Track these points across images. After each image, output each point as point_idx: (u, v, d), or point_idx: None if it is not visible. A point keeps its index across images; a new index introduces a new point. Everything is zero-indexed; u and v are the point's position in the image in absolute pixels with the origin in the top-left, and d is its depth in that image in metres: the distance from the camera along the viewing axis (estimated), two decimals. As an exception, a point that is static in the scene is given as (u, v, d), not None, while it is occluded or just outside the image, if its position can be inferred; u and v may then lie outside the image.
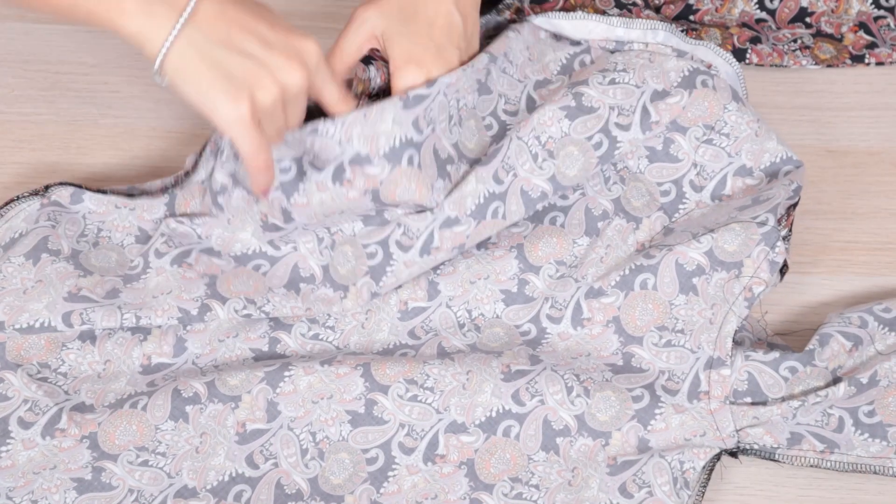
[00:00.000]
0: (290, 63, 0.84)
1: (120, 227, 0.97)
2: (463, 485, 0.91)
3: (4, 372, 0.92)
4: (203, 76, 0.83)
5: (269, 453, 0.91)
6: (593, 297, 0.96)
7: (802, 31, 1.07)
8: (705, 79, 1.00)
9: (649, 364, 0.94)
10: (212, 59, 0.83)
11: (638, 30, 1.01)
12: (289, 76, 0.84)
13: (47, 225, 0.96)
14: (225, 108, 0.83)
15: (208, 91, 0.83)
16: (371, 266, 0.95)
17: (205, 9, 0.83)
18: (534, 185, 0.97)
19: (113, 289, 0.95)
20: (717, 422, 0.92)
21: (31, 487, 0.89)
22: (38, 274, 0.94)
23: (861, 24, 1.07)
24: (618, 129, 0.99)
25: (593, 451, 0.92)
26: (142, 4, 0.82)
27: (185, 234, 0.96)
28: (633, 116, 0.99)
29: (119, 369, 0.94)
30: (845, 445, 0.92)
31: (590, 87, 0.99)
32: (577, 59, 1.03)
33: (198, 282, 0.95)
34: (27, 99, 1.06)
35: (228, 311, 0.94)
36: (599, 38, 1.02)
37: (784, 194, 0.97)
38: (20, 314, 0.93)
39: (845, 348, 0.94)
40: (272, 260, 0.96)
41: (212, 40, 0.83)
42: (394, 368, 0.93)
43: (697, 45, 1.01)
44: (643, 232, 0.99)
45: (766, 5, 1.06)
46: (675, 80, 1.00)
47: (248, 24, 0.84)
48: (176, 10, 0.82)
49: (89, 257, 0.96)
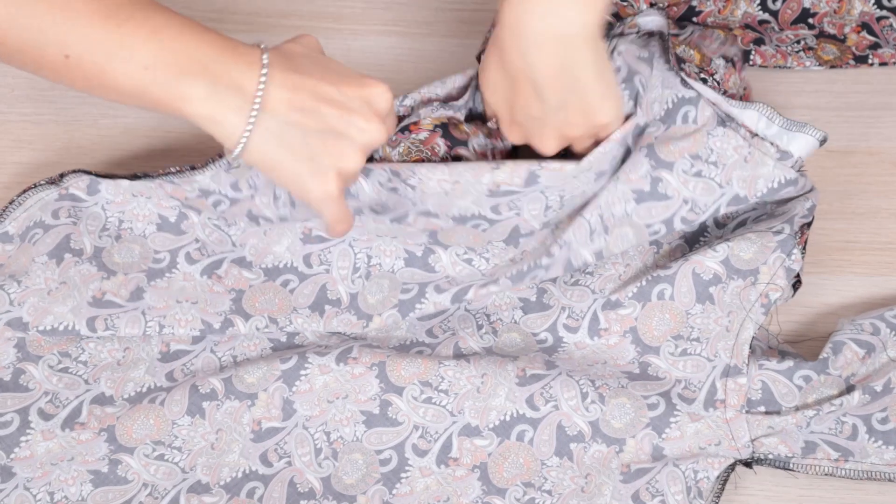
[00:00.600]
0: (370, 122, 0.83)
1: (140, 216, 0.97)
2: (476, 488, 0.91)
3: (25, 364, 0.93)
4: (286, 162, 0.82)
5: (284, 452, 0.92)
6: (610, 308, 0.95)
7: (805, 33, 1.07)
8: (789, 191, 0.95)
9: (666, 373, 0.94)
10: (291, 144, 0.81)
11: (754, 111, 0.95)
12: (370, 136, 0.83)
13: (68, 222, 0.96)
14: (314, 189, 0.83)
15: (295, 176, 0.82)
16: (402, 300, 0.95)
17: (274, 92, 0.81)
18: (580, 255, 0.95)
19: (137, 288, 0.95)
20: (732, 431, 0.92)
21: (48, 479, 0.90)
22: (61, 275, 0.95)
23: (864, 24, 1.06)
24: (680, 222, 0.95)
25: (607, 458, 0.92)
26: (209, 91, 0.80)
27: (220, 241, 0.97)
28: (701, 216, 0.95)
29: (138, 356, 0.94)
30: (859, 453, 0.92)
31: (672, 174, 0.94)
32: (682, 108, 0.95)
33: (224, 297, 0.95)
34: (27, 99, 1.06)
35: (250, 327, 0.95)
36: (711, 98, 0.95)
37: (800, 210, 0.96)
38: (45, 316, 0.93)
39: (858, 356, 0.94)
40: (302, 276, 0.96)
41: (288, 123, 0.81)
42: (409, 370, 0.93)
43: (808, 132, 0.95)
44: (663, 258, 0.99)
45: (768, 6, 1.06)
46: (761, 191, 0.95)
47: (318, 93, 0.82)
48: (247, 99, 0.80)
49: (112, 254, 0.96)
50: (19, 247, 0.96)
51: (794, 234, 0.95)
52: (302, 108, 0.81)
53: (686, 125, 0.95)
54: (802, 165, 0.96)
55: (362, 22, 1.09)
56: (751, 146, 0.95)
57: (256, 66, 0.81)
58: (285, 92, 0.81)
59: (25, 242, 0.96)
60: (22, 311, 0.93)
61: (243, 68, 0.80)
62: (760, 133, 0.95)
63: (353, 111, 0.82)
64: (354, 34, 1.09)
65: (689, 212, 0.95)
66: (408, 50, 1.08)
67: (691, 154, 0.95)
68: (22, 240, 0.96)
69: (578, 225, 0.94)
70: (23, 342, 0.94)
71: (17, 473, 0.90)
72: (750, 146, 0.95)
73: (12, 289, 0.94)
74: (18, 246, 0.96)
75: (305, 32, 0.87)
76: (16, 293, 0.94)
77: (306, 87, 0.81)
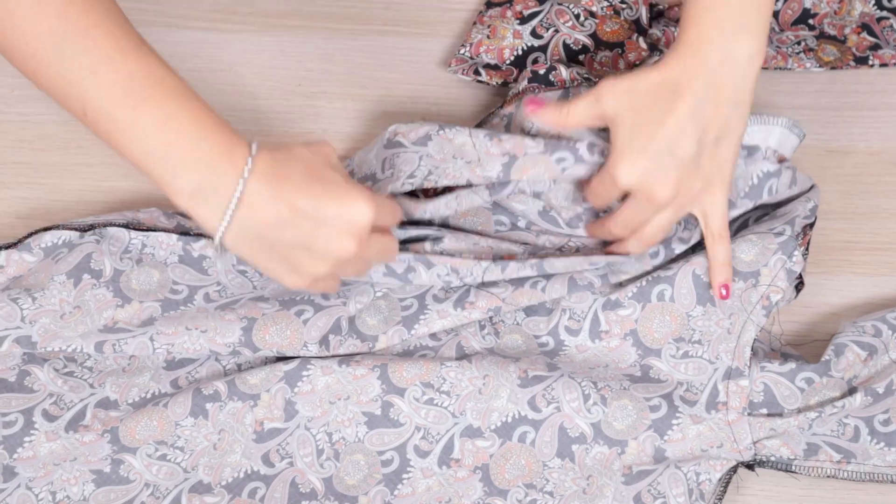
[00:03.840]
0: (340, 240, 0.84)
1: (164, 244, 0.97)
2: (477, 489, 0.91)
3: (31, 366, 0.93)
4: (260, 261, 0.85)
5: (286, 452, 0.92)
6: (611, 308, 0.95)
7: (806, 34, 1.07)
8: (773, 183, 0.95)
9: (667, 376, 0.94)
10: (265, 241, 0.84)
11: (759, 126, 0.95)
12: (338, 251, 0.84)
13: (92, 240, 0.96)
14: (287, 281, 0.86)
15: (268, 268, 0.85)
16: (404, 316, 0.95)
17: (254, 190, 0.82)
18: (583, 276, 0.95)
19: (150, 317, 0.95)
20: (734, 433, 0.92)
21: (50, 478, 0.90)
22: (77, 298, 0.94)
23: (864, 25, 1.06)
24: (678, 242, 0.96)
25: (609, 460, 0.92)
26: (195, 189, 0.82)
27: (241, 285, 0.97)
28: (695, 231, 0.96)
29: (144, 364, 0.94)
30: (861, 455, 0.92)
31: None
32: None
33: (235, 325, 0.94)
34: (27, 99, 1.05)
35: (256, 359, 0.95)
36: None
37: (802, 211, 0.96)
38: (53, 339, 0.93)
39: (860, 358, 0.94)
40: (317, 308, 0.95)
41: (262, 227, 0.83)
42: (411, 371, 0.93)
43: (765, 122, 0.95)
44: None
45: None
46: (743, 190, 0.95)
47: (295, 205, 0.83)
48: (222, 202, 0.82)
49: (130, 279, 0.96)
50: (41, 261, 0.96)
51: (796, 236, 0.96)
52: (277, 215, 0.83)
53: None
54: (782, 157, 0.96)
55: (362, 22, 1.09)
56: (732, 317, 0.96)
57: (240, 170, 0.82)
58: (265, 186, 0.82)
59: (48, 259, 0.96)
60: (32, 330, 0.93)
61: (228, 171, 0.82)
62: None
63: (327, 227, 0.83)
64: (354, 34, 1.09)
65: (683, 231, 0.96)
66: (408, 50, 1.08)
67: None
68: (46, 255, 0.96)
69: None
70: (29, 344, 0.94)
71: (19, 473, 0.90)
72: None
73: (26, 304, 0.94)
74: (41, 260, 0.96)
75: (325, 141, 0.88)
76: (28, 310, 0.94)
77: (284, 198, 0.83)
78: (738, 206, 0.96)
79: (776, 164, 0.96)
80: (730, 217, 0.96)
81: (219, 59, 1.08)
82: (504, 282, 0.95)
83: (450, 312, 0.94)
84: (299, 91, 1.07)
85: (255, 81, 1.07)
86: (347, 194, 0.84)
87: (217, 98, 1.06)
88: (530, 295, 0.94)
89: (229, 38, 1.09)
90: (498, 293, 0.94)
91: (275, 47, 1.08)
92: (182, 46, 1.08)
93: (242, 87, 1.07)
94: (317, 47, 1.09)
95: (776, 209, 0.98)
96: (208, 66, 1.07)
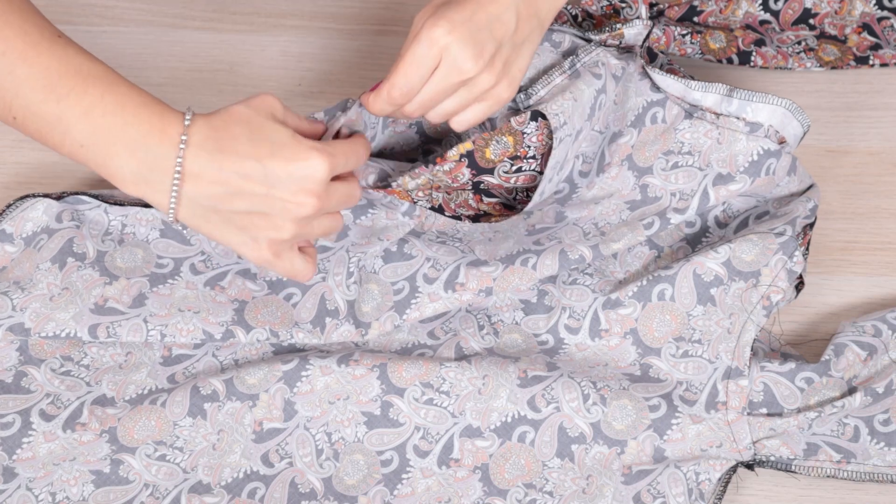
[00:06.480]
0: (296, 198, 0.81)
1: (143, 220, 0.97)
2: (477, 489, 0.91)
3: (28, 367, 0.93)
4: (216, 233, 0.83)
5: (285, 452, 0.92)
6: (611, 307, 0.95)
7: (806, 34, 1.07)
8: (772, 164, 0.97)
9: (667, 375, 0.94)
10: (217, 218, 0.82)
11: (714, 94, 0.97)
12: (298, 210, 0.82)
13: (71, 225, 0.96)
14: (249, 256, 0.84)
15: (227, 241, 0.83)
16: (396, 301, 0.95)
17: (195, 162, 0.80)
18: (574, 249, 0.96)
19: (140, 294, 0.95)
20: (734, 433, 0.92)
21: (50, 479, 0.90)
22: (64, 280, 0.95)
23: (865, 25, 1.06)
24: (673, 213, 0.98)
25: (608, 460, 0.92)
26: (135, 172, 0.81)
27: (226, 253, 0.97)
28: (691, 200, 0.98)
29: (140, 360, 0.94)
30: (861, 455, 0.92)
31: (654, 177, 0.98)
32: (650, 111, 0.99)
33: (227, 307, 0.95)
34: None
35: (251, 339, 0.95)
36: (676, 93, 0.98)
37: (802, 211, 0.97)
38: (47, 322, 0.93)
39: (860, 358, 0.94)
40: (304, 289, 0.96)
41: (211, 198, 0.81)
42: (410, 371, 0.93)
43: (771, 101, 0.96)
44: (665, 260, 0.99)
45: (769, 6, 1.06)
46: (743, 165, 0.97)
47: (241, 171, 0.80)
48: (166, 178, 0.81)
49: (114, 258, 0.96)
50: (23, 251, 0.96)
51: (797, 236, 0.96)
52: (225, 185, 0.81)
53: (655, 125, 0.98)
54: (782, 139, 0.97)
55: (362, 22, 1.09)
56: (719, 127, 0.97)
57: (175, 145, 0.81)
58: (205, 170, 0.81)
59: (30, 248, 0.96)
60: (24, 316, 0.93)
61: (165, 147, 0.81)
62: (724, 112, 0.97)
63: (280, 187, 0.81)
64: (354, 34, 1.09)
65: (679, 201, 0.97)
66: (408, 50, 1.08)
67: (664, 152, 0.98)
68: (27, 244, 0.96)
69: (571, 230, 0.96)
70: (25, 345, 0.94)
71: (19, 474, 0.90)
72: (718, 128, 0.97)
73: (16, 295, 0.94)
74: (22, 250, 0.96)
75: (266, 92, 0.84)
76: (18, 299, 0.94)
77: (228, 165, 0.80)
78: (737, 180, 0.97)
79: (776, 145, 0.97)
80: (728, 192, 0.98)
81: (219, 59, 1.08)
82: (494, 261, 0.95)
83: (441, 295, 0.95)
84: (299, 91, 1.07)
85: (255, 81, 1.07)
86: (297, 151, 0.81)
87: (217, 98, 1.06)
88: (521, 273, 0.95)
89: (229, 38, 1.09)
90: (489, 272, 0.95)
91: (275, 47, 1.08)
92: (182, 46, 1.08)
93: (242, 87, 1.07)
94: (317, 47, 1.09)
95: (777, 208, 0.98)
96: (208, 66, 1.07)
